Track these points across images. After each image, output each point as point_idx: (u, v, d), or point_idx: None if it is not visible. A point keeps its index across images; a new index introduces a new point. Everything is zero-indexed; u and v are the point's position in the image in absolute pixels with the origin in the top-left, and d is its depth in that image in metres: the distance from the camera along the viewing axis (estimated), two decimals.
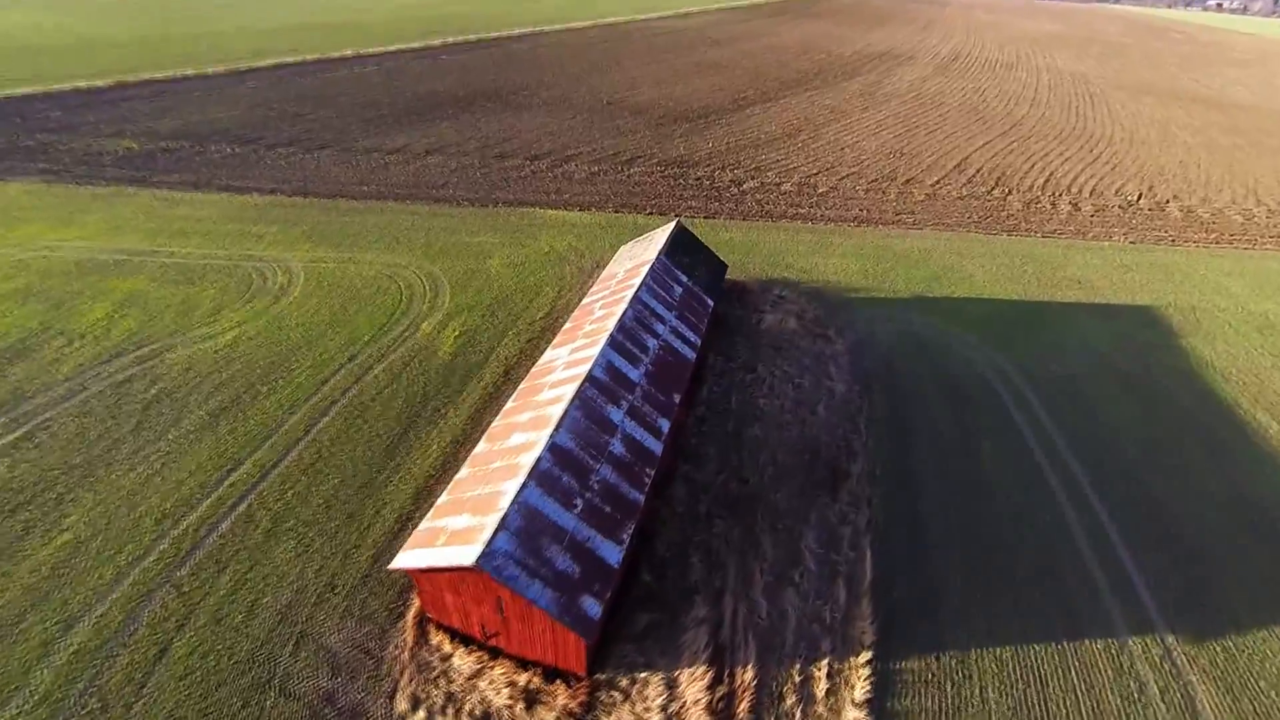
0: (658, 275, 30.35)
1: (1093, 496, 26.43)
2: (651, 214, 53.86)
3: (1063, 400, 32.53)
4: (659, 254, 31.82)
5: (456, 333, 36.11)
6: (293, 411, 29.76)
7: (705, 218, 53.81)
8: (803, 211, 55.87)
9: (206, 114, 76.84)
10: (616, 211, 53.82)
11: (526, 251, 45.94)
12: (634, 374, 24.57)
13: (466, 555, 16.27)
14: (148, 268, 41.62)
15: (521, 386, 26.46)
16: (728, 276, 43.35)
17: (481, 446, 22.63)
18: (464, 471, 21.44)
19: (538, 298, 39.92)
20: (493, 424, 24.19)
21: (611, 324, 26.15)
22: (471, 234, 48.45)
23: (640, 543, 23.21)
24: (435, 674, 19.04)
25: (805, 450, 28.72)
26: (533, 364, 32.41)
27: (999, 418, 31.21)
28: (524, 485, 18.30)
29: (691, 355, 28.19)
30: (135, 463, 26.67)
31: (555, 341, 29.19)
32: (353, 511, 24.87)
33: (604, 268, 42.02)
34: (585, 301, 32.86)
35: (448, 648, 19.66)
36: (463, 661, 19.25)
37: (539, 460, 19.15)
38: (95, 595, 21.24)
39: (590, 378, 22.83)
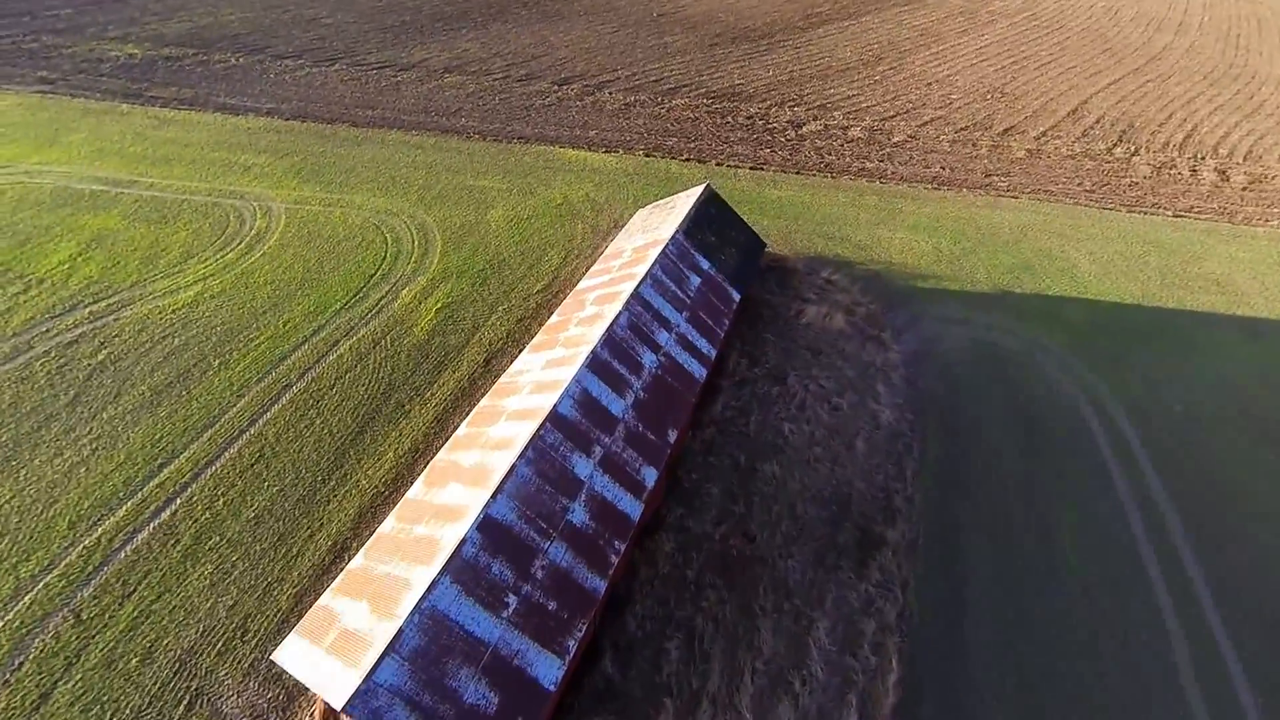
0: (669, 263, 24.00)
1: (1213, 618, 20.04)
2: (688, 160, 45.88)
3: (1181, 455, 25.25)
4: (676, 231, 25.25)
5: (439, 304, 31.19)
6: (242, 394, 26.12)
7: (751, 168, 45.47)
8: (870, 166, 46.49)
9: (218, 15, 70.63)
10: (647, 155, 46.07)
11: (535, 202, 39.65)
12: (617, 406, 19.20)
13: (338, 690, 12.15)
14: (123, 201, 37.91)
15: (481, 405, 21.59)
16: (768, 250, 36.24)
17: (416, 489, 18.21)
18: (388, 523, 17.19)
19: (538, 265, 34.19)
20: (437, 457, 19.62)
21: (597, 333, 20.53)
22: (477, 175, 42.27)
23: (607, 610, 18.89)
24: None
25: (832, 501, 23.18)
26: (519, 351, 27.45)
27: (1091, 473, 24.46)
28: (435, 582, 13.83)
29: (701, 373, 22.42)
30: (63, 446, 23.84)
31: (534, 342, 23.86)
32: (284, 532, 21.43)
33: (620, 229, 35.55)
34: (581, 286, 27.02)
35: None
36: None
37: (463, 544, 14.54)
38: None
39: (553, 417, 17.64)
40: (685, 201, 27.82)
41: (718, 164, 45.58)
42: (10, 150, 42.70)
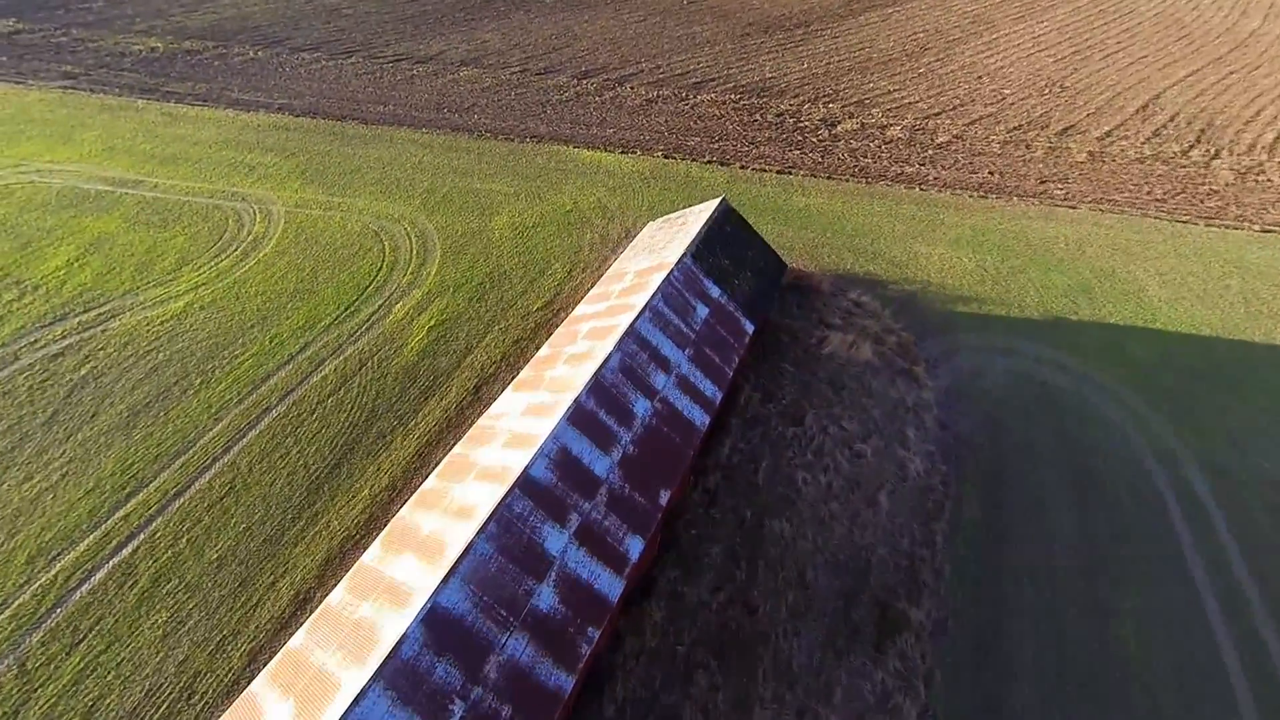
0: (673, 291, 21.34)
1: None
2: (710, 162, 42.81)
3: (1271, 528, 21.50)
4: (684, 254, 22.53)
5: (432, 321, 29.31)
6: (219, 417, 24.78)
7: (779, 172, 42.12)
8: (910, 171, 42.55)
9: (242, 5, 70.15)
10: (667, 157, 43.17)
11: (543, 209, 37.35)
12: (601, 465, 16.85)
13: None
14: (125, 203, 37.20)
15: (453, 453, 19.51)
16: (792, 265, 33.19)
17: (373, 554, 16.27)
18: (337, 594, 15.31)
19: (540, 279, 31.95)
20: (399, 514, 17.65)
21: (584, 376, 18.16)
22: (485, 178, 40.19)
23: (584, 690, 16.72)
24: None
25: (848, 568, 20.42)
26: (512, 375, 25.36)
27: (1159, 546, 21.00)
28: (365, 691, 11.82)
29: (703, 421, 19.83)
30: (34, 470, 22.88)
31: (519, 378, 21.63)
32: (246, 577, 19.93)
33: (630, 241, 32.97)
34: (577, 312, 24.65)
35: None
36: None
37: (402, 642, 12.49)
38: None
39: (524, 482, 15.41)
40: (697, 218, 25.06)
41: (742, 167, 42.40)
42: (26, 148, 42.61)
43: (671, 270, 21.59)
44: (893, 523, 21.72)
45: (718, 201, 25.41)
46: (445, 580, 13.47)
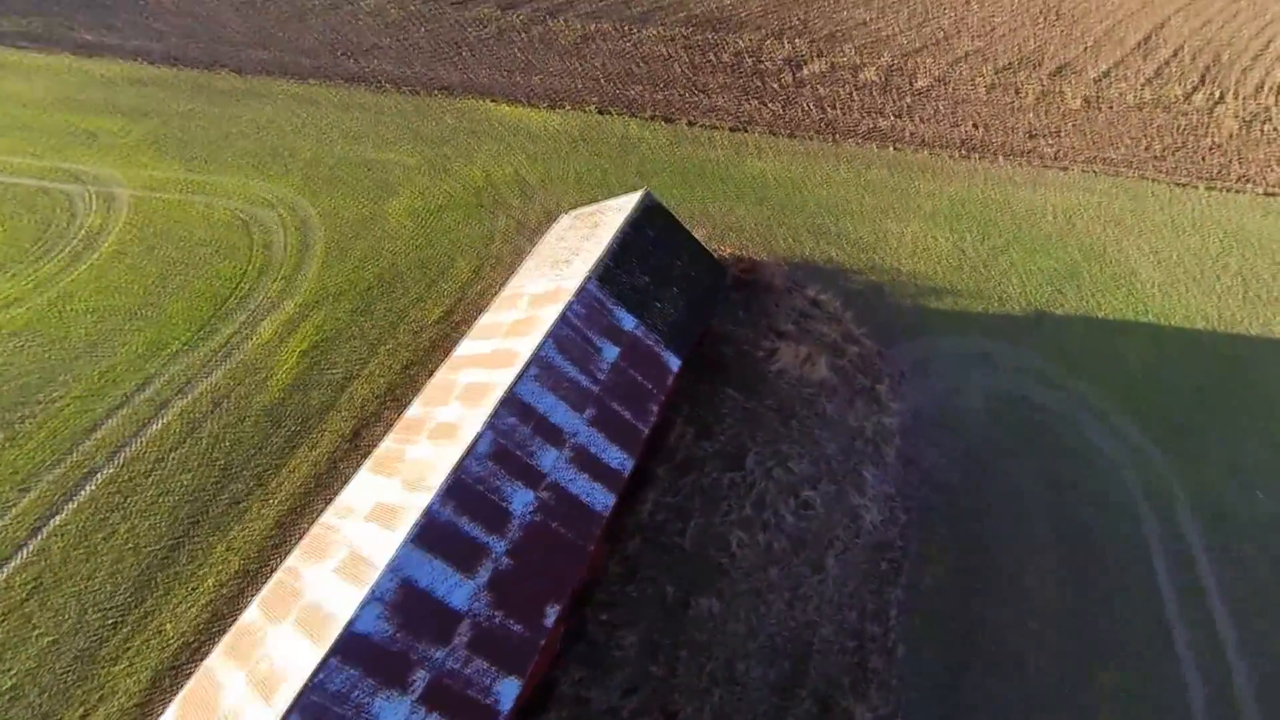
0: (569, 335, 16.57)
1: None
2: (653, 118, 36.54)
3: (1270, 586, 18.90)
4: (587, 278, 17.50)
5: (306, 344, 24.23)
6: (26, 488, 20.02)
7: (733, 129, 36.18)
8: (883, 125, 36.95)
9: None
10: (602, 112, 36.68)
11: (450, 186, 31.29)
12: (462, 594, 12.91)
13: None
14: None
15: (283, 570, 15.27)
16: (740, 252, 28.41)
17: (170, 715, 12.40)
18: None
19: (441, 280, 26.71)
20: (206, 662, 13.65)
21: (444, 467, 13.85)
22: (382, 145, 33.56)
23: None
24: None
25: (787, 655, 17.38)
26: (399, 412, 20.81)
27: (1147, 615, 18.30)
28: None
29: (607, 504, 15.84)
30: None
31: (379, 450, 17.13)
32: (49, 714, 16.09)
33: (555, 221, 27.55)
34: (460, 351, 19.78)
35: None
36: None
37: None
38: None
39: (347, 644, 11.44)
40: (612, 220, 19.90)
41: (690, 123, 36.26)
42: None
43: (569, 303, 16.82)
44: (840, 593, 18.59)
45: (638, 197, 20.19)
46: None
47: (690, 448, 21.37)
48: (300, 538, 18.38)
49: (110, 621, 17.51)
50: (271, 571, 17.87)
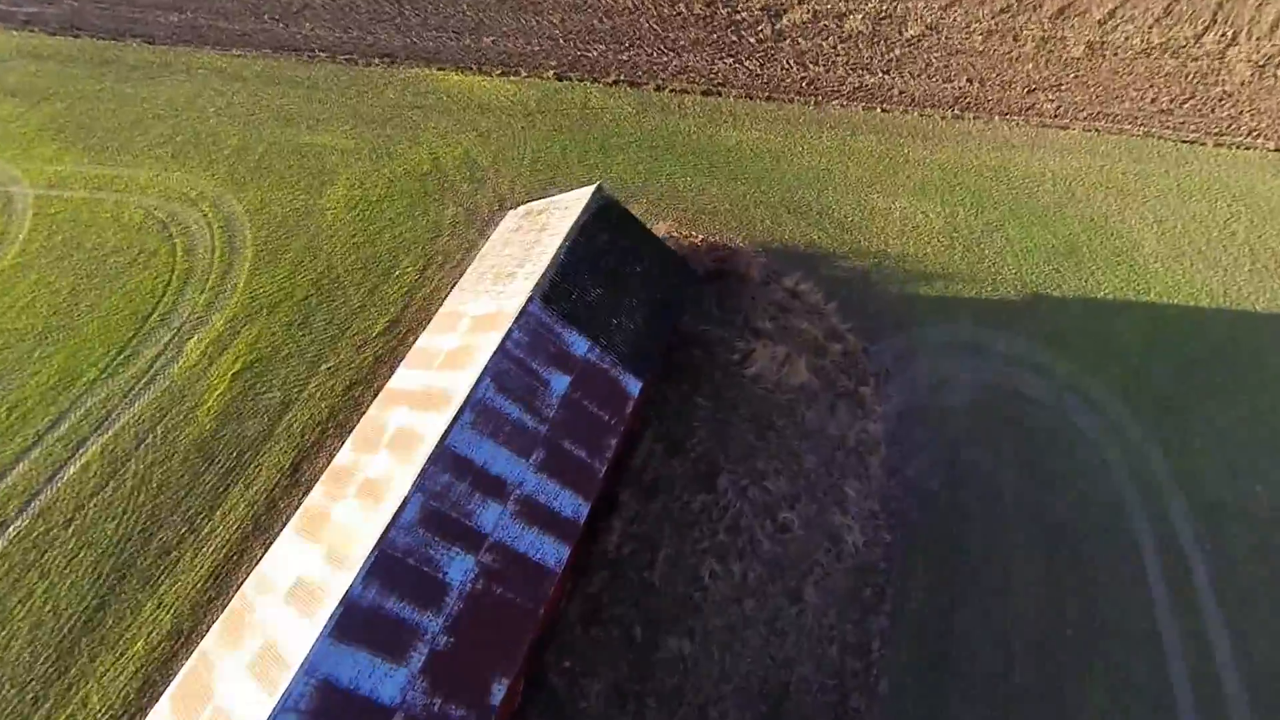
0: (511, 369, 14.45)
1: None
2: (617, 83, 33.11)
3: (1265, 597, 18.00)
4: (530, 297, 15.27)
5: (239, 365, 22.02)
6: None
7: (705, 93, 32.90)
8: (871, 82, 33.75)
9: None
10: (560, 78, 33.13)
11: (392, 170, 28.27)
12: (391, 687, 11.48)
13: None
14: None
15: (198, 655, 13.72)
16: (714, 238, 26.07)
17: None
18: None
19: (385, 284, 24.27)
20: None
21: (368, 539, 12.17)
22: (317, 126, 30.15)
23: None
24: None
25: (763, 698, 16.40)
26: (343, 438, 18.94)
27: (1141, 632, 17.40)
28: None
29: (558, 559, 14.26)
30: None
31: (303, 510, 15.31)
32: None
33: (507, 210, 24.92)
34: (395, 383, 17.68)
35: None
36: None
37: None
38: None
39: None
40: (559, 224, 17.41)
41: (658, 88, 32.90)
42: None
43: (509, 330, 14.69)
44: (820, 625, 17.50)
45: (589, 194, 17.64)
46: None
47: (659, 467, 19.80)
48: (236, 588, 16.92)
49: (29, 696, 16.13)
50: (205, 628, 16.48)
